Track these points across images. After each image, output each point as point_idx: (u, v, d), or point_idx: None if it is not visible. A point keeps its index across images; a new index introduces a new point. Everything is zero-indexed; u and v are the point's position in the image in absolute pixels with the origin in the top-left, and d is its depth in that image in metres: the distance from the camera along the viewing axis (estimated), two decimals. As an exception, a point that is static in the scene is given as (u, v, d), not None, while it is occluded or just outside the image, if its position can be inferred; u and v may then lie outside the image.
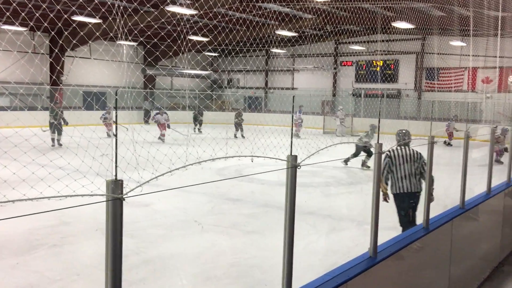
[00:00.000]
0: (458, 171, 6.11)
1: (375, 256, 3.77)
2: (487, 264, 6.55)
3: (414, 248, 4.32)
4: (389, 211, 7.95)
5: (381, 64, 31.21)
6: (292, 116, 3.19)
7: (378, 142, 3.84)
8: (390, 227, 6.66)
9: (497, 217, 6.98)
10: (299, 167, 2.82)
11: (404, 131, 6.80)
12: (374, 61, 31.60)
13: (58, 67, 26.29)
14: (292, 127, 3.00)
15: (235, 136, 22.06)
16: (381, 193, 5.05)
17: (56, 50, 21.80)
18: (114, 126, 17.12)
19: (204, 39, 25.43)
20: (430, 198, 4.92)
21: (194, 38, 22.77)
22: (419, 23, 19.47)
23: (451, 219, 5.11)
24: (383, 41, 29.16)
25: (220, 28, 23.58)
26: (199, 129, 24.59)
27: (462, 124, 17.75)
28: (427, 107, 27.56)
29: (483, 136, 10.41)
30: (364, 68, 32.14)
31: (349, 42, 31.63)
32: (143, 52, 31.92)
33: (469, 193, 6.24)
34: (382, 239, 3.96)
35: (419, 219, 4.87)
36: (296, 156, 2.81)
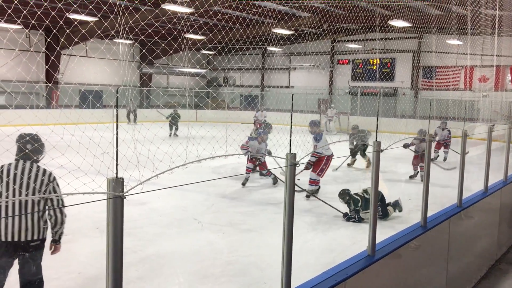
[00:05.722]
0: (455, 170, 6.12)
1: (373, 255, 3.79)
2: (484, 262, 6.59)
3: (412, 247, 4.34)
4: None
5: (377, 63, 31.25)
6: (292, 115, 3.19)
7: (376, 140, 3.85)
8: (387, 225, 6.68)
9: (494, 215, 7.01)
10: (298, 165, 2.83)
11: None
12: (370, 60, 31.63)
13: (59, 65, 26.25)
14: (291, 125, 3.00)
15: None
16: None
17: (58, 48, 21.68)
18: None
19: (202, 38, 25.40)
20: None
21: (192, 36, 22.70)
22: (416, 21, 19.50)
23: (448, 217, 5.13)
24: (380, 39, 29.21)
25: (218, 27, 23.54)
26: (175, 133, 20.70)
27: (459, 123, 17.77)
28: (424, 105, 27.57)
29: (480, 135, 10.43)
30: (360, 66, 32.16)
31: (346, 41, 31.65)
32: (143, 51, 31.80)
33: (467, 192, 6.25)
34: (379, 237, 3.98)
35: (417, 217, 4.85)
36: (295, 154, 2.82)
